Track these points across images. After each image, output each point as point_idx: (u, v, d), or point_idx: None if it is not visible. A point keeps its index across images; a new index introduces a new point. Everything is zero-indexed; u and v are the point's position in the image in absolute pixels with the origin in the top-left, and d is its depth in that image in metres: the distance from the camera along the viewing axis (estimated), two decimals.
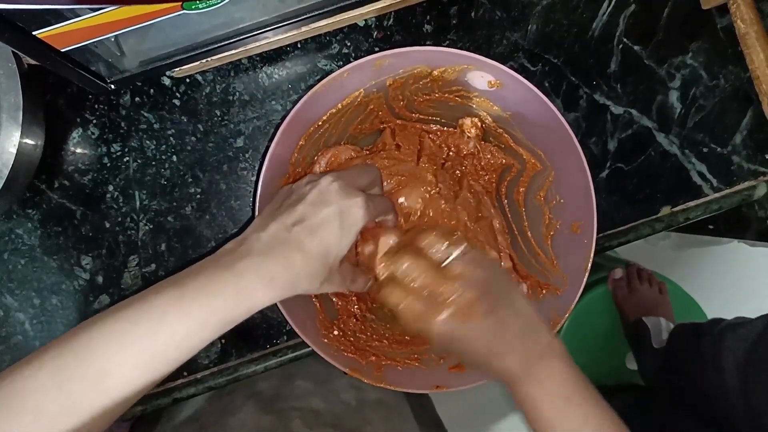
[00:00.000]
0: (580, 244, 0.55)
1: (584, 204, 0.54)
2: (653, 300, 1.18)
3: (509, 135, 0.58)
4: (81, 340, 0.38)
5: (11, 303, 0.59)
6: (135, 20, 0.41)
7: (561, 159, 0.55)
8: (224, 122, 0.60)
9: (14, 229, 0.58)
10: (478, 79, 0.54)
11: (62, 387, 0.36)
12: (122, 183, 0.59)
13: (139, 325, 0.38)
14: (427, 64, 0.53)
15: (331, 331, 0.56)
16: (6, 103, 0.48)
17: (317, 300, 0.57)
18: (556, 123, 0.53)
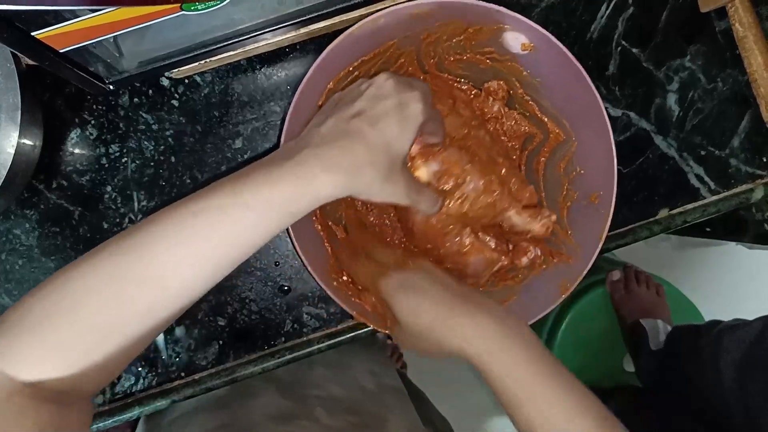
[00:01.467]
0: (597, 215, 0.55)
1: (605, 174, 0.54)
2: (651, 302, 1.19)
3: (536, 103, 0.58)
4: (137, 238, 0.37)
5: (8, 304, 0.58)
6: (134, 21, 0.41)
7: (586, 129, 0.55)
8: (223, 123, 0.60)
9: (12, 229, 0.58)
10: (513, 40, 0.54)
11: (118, 291, 0.36)
12: (120, 184, 0.59)
13: (199, 218, 0.37)
14: (463, 19, 0.53)
15: (341, 276, 0.56)
16: (4, 103, 0.48)
17: (329, 244, 0.57)
18: (585, 91, 0.53)
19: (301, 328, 0.61)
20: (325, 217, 0.57)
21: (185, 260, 0.36)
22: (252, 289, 0.61)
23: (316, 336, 0.62)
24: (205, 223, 0.37)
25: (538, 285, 0.57)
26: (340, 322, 0.62)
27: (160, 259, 0.36)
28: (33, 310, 0.35)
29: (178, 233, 0.36)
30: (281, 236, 0.61)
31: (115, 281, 0.36)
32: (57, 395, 0.36)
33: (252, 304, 0.61)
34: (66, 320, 0.35)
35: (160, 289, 0.36)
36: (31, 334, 0.35)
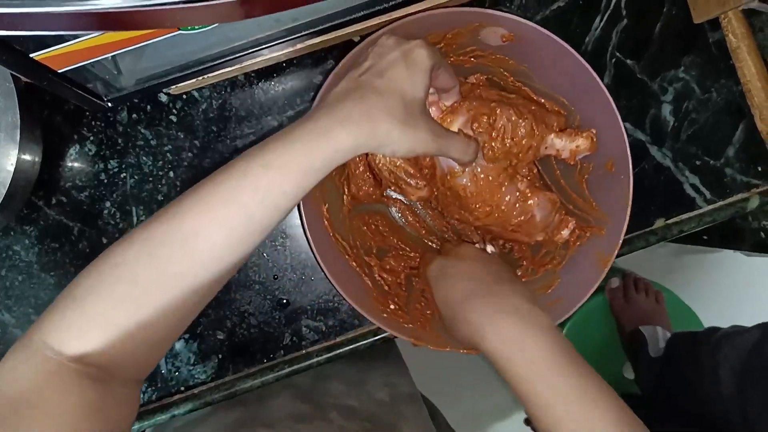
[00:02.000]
0: (618, 181, 0.55)
1: (615, 140, 0.54)
2: (650, 309, 1.19)
3: (529, 87, 0.58)
4: (169, 211, 0.38)
5: (8, 320, 0.59)
6: (132, 41, 0.41)
7: (585, 102, 0.56)
8: (221, 138, 0.60)
9: (12, 245, 0.59)
10: (492, 35, 0.54)
11: (152, 254, 0.37)
12: (119, 199, 0.59)
13: (223, 185, 0.38)
14: (440, 28, 0.53)
15: (387, 306, 0.56)
16: (3, 122, 0.48)
17: (369, 279, 0.57)
18: (575, 65, 0.53)
19: (300, 341, 0.61)
20: (358, 253, 0.58)
21: (213, 224, 0.38)
22: (251, 302, 0.61)
23: (315, 349, 0.62)
24: (228, 187, 0.38)
25: (577, 264, 0.58)
26: (339, 334, 0.62)
27: (189, 224, 0.37)
28: (79, 284, 0.37)
29: (206, 201, 0.38)
30: (279, 249, 0.61)
31: (148, 246, 0.37)
32: (102, 374, 0.37)
33: (251, 317, 0.61)
34: (106, 290, 0.36)
35: (192, 253, 0.37)
36: (74, 308, 0.36)
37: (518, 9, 0.61)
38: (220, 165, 0.59)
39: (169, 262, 0.37)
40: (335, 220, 0.57)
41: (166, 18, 0.29)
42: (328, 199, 0.56)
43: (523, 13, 0.62)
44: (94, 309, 0.36)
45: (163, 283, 0.37)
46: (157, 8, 0.28)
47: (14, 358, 0.35)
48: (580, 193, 0.59)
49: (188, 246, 0.37)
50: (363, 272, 0.57)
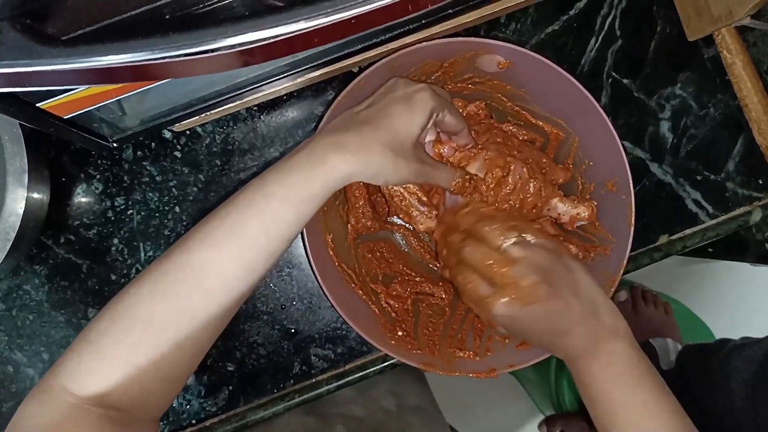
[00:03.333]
0: (619, 201, 0.56)
1: (614, 161, 0.55)
2: (659, 321, 1.18)
3: (527, 111, 0.59)
4: (178, 249, 0.40)
5: (20, 359, 0.59)
6: (136, 85, 0.42)
7: (582, 123, 0.56)
8: (225, 171, 0.61)
9: (22, 285, 0.59)
10: (488, 62, 0.55)
11: (165, 292, 0.38)
12: (127, 235, 0.60)
13: (228, 218, 0.40)
14: (437, 58, 0.54)
15: (395, 332, 0.57)
16: (12, 167, 0.49)
17: (376, 307, 0.58)
18: (571, 88, 0.54)
19: (310, 369, 0.62)
20: (364, 281, 0.58)
21: (222, 258, 0.39)
22: (259, 333, 0.61)
23: (325, 377, 0.62)
24: (233, 220, 0.40)
25: None
26: (348, 362, 0.62)
27: (199, 261, 0.39)
28: (93, 328, 0.38)
29: (213, 235, 0.40)
30: (285, 279, 0.62)
31: (161, 285, 0.38)
32: (123, 415, 0.37)
33: (260, 348, 0.61)
34: (122, 332, 0.37)
35: (205, 288, 0.39)
36: (91, 351, 0.37)
37: (513, 34, 0.62)
38: (226, 198, 0.60)
39: (183, 299, 0.38)
40: (340, 249, 0.57)
41: (168, 71, 0.30)
42: (333, 229, 0.57)
43: (518, 37, 0.62)
44: (111, 351, 0.37)
45: (178, 321, 0.38)
46: (159, 62, 0.29)
47: (33, 404, 0.36)
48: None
49: (200, 282, 0.39)
50: (370, 300, 0.58)
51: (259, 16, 0.31)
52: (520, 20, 0.62)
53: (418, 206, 0.56)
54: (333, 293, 0.53)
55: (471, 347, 0.58)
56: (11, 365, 0.59)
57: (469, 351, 0.57)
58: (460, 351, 0.57)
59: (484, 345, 0.58)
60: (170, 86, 0.50)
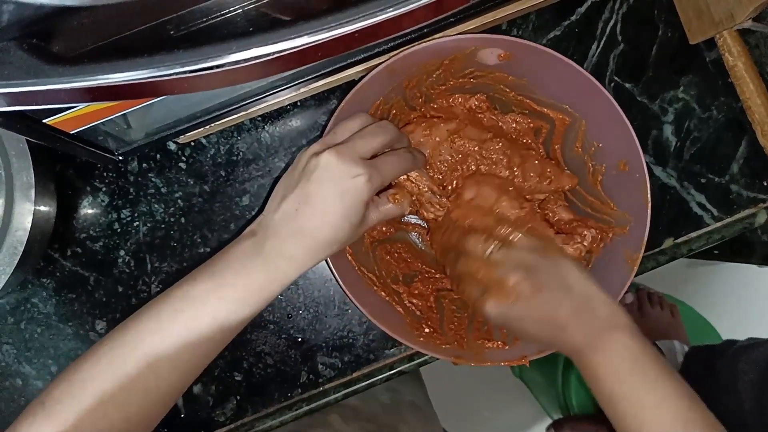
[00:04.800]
0: (633, 180, 0.55)
1: (624, 141, 0.54)
2: (666, 323, 1.18)
3: (531, 99, 0.59)
4: (130, 329, 0.42)
5: (29, 371, 0.60)
6: (141, 100, 0.43)
7: (588, 106, 0.56)
8: (229, 182, 0.61)
9: (30, 298, 0.60)
10: (488, 55, 0.55)
11: (116, 371, 0.40)
12: (133, 247, 0.60)
13: (184, 312, 0.42)
14: (437, 57, 0.54)
15: (422, 330, 0.57)
16: (18, 182, 0.50)
17: (400, 307, 0.58)
18: (573, 74, 0.54)
19: (317, 378, 0.62)
20: (385, 283, 0.59)
21: (174, 345, 0.41)
22: (266, 342, 0.62)
23: (332, 385, 0.62)
24: (191, 314, 0.42)
25: (605, 265, 0.58)
26: (356, 370, 0.62)
27: (149, 347, 0.41)
28: (49, 394, 0.40)
29: (169, 322, 0.42)
30: (292, 288, 0.62)
31: (112, 364, 0.41)
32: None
33: (267, 357, 0.62)
34: (75, 403, 0.39)
35: (155, 370, 0.41)
36: (44, 415, 0.39)
37: None
38: (230, 209, 0.60)
39: (134, 379, 0.40)
40: (358, 254, 0.57)
41: (174, 87, 0.30)
42: None
43: None
44: (61, 417, 0.39)
45: (129, 397, 0.41)
46: (165, 79, 0.29)
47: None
48: (596, 196, 0.59)
49: (152, 365, 0.41)
50: (393, 300, 0.58)
51: (263, 32, 0.31)
52: (522, 26, 0.63)
53: (431, 196, 0.56)
54: (359, 298, 0.53)
55: (498, 337, 0.58)
56: (20, 378, 0.60)
57: (497, 341, 0.57)
58: (488, 342, 0.57)
59: (513, 335, 0.58)
60: (175, 99, 0.51)
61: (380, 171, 0.46)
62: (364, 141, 0.47)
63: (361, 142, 0.47)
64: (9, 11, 0.27)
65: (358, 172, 0.44)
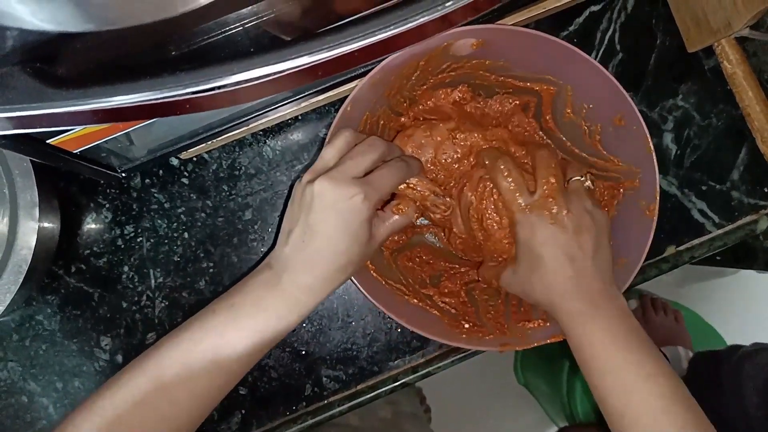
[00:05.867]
0: (631, 132, 0.55)
1: (614, 97, 0.54)
2: (670, 329, 1.18)
3: (512, 78, 0.58)
4: (150, 359, 0.43)
5: (34, 388, 0.60)
6: (144, 120, 0.43)
7: (570, 71, 0.56)
8: (232, 196, 0.61)
9: (34, 315, 0.60)
10: (462, 47, 0.54)
11: (135, 399, 0.41)
12: (137, 263, 0.60)
13: (201, 344, 0.43)
14: (412, 61, 0.54)
15: (462, 327, 0.57)
16: (23, 201, 0.50)
17: (435, 310, 0.58)
18: (548, 44, 0.53)
19: (322, 391, 0.62)
20: (415, 289, 0.59)
21: (192, 379, 0.42)
22: (270, 355, 0.62)
23: (337, 398, 0.62)
24: (209, 344, 0.43)
25: (623, 222, 0.57)
26: (360, 382, 0.62)
27: (169, 380, 0.42)
28: (72, 420, 0.41)
29: (188, 354, 0.43)
30: None
31: (132, 396, 0.41)
32: None
33: (271, 371, 0.62)
34: (92, 429, 0.40)
35: (173, 399, 0.42)
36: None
37: None
38: (233, 223, 0.61)
39: (153, 408, 0.42)
40: (381, 268, 0.57)
41: (176, 108, 0.30)
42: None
43: None
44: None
45: (147, 425, 0.42)
46: (167, 100, 0.29)
47: None
48: (599, 156, 0.58)
49: (168, 394, 0.42)
50: (426, 305, 0.58)
51: (263, 52, 0.31)
52: None
53: (435, 199, 0.55)
54: (394, 311, 0.53)
55: (538, 316, 0.58)
56: (25, 395, 0.60)
57: (536, 320, 0.57)
58: (529, 323, 0.57)
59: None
60: (177, 117, 0.51)
61: (375, 186, 0.46)
62: (354, 162, 0.47)
63: (351, 163, 0.47)
64: (13, 37, 0.28)
65: (353, 193, 0.44)
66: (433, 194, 0.55)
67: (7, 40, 0.28)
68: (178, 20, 0.30)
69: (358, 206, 0.45)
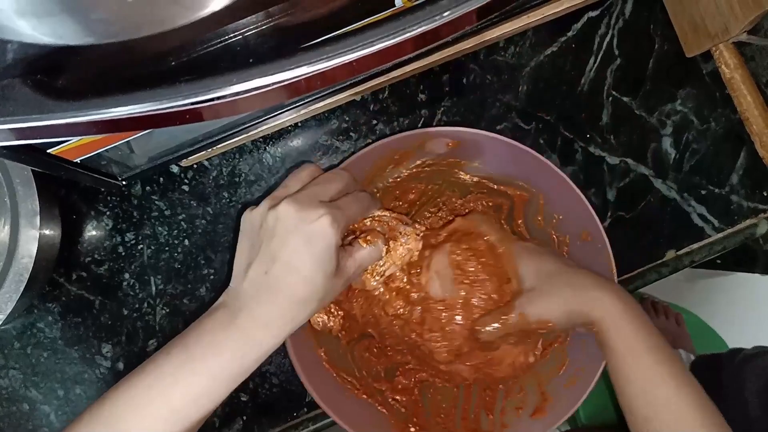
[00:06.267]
0: (596, 250, 0.56)
1: (582, 213, 0.56)
2: (671, 332, 1.18)
3: (486, 179, 0.60)
4: (104, 409, 0.41)
5: (36, 396, 0.60)
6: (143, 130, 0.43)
7: (543, 181, 0.57)
8: (232, 203, 0.61)
9: (35, 323, 0.60)
10: (437, 145, 0.56)
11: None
12: (138, 270, 0.61)
13: (153, 389, 0.40)
14: (387, 155, 0.56)
15: (407, 430, 0.57)
16: (24, 209, 0.50)
17: (384, 407, 0.58)
18: (519, 152, 0.55)
19: None
20: (367, 383, 0.59)
21: (146, 426, 0.40)
22: (271, 362, 0.62)
23: None
24: (161, 390, 0.40)
25: (582, 337, 0.57)
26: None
27: (125, 426, 0.40)
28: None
29: (139, 401, 0.40)
30: None
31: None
32: None
33: (272, 377, 0.62)
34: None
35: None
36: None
37: (512, 57, 0.63)
38: (233, 230, 0.61)
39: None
40: (335, 357, 0.57)
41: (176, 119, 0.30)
42: (324, 342, 0.57)
43: (517, 60, 0.63)
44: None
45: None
46: (167, 111, 0.30)
47: None
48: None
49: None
50: (376, 401, 0.58)
51: (262, 61, 0.31)
52: (519, 43, 0.63)
53: (407, 227, 0.54)
54: (338, 412, 0.53)
55: (486, 426, 0.58)
56: (27, 403, 0.60)
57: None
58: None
59: (499, 421, 0.58)
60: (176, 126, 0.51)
61: (342, 209, 0.45)
62: (320, 187, 0.46)
63: (317, 188, 0.46)
64: (14, 50, 0.28)
65: (320, 213, 0.43)
66: (402, 222, 0.54)
67: (7, 53, 0.28)
68: (177, 32, 0.30)
69: (325, 228, 0.42)
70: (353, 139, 0.62)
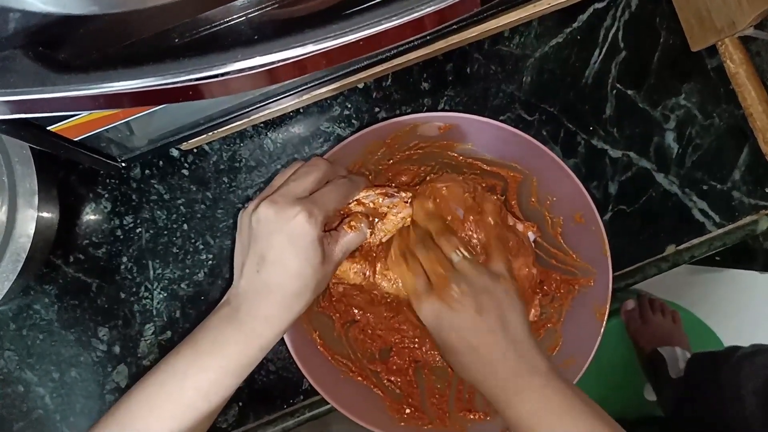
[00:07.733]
0: (590, 232, 0.56)
1: (576, 196, 0.56)
2: (667, 330, 1.18)
3: (479, 161, 0.59)
4: (121, 410, 0.44)
5: (31, 378, 0.60)
6: (145, 107, 0.43)
7: (536, 164, 0.57)
8: (232, 188, 0.61)
9: (32, 304, 0.60)
10: (429, 129, 0.56)
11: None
12: (135, 254, 0.60)
13: (166, 386, 0.44)
14: (378, 139, 0.56)
15: (403, 411, 0.57)
16: (22, 188, 0.50)
17: (379, 389, 0.58)
18: (516, 137, 0.55)
19: None
20: (361, 365, 0.59)
21: (161, 421, 0.44)
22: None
23: None
24: (173, 387, 0.44)
25: (576, 317, 0.58)
26: None
27: (139, 424, 0.43)
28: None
29: (153, 399, 0.44)
30: None
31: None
32: None
33: (269, 363, 0.61)
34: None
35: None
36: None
37: (517, 47, 0.63)
38: (233, 215, 0.60)
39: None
40: (330, 341, 0.58)
41: (178, 95, 0.30)
42: (318, 326, 0.57)
43: (522, 51, 0.63)
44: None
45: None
46: (170, 87, 0.29)
47: None
48: (558, 247, 0.60)
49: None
50: (371, 383, 0.58)
51: (267, 40, 0.31)
52: (524, 34, 0.63)
53: (393, 194, 0.55)
54: (336, 399, 0.54)
55: (480, 407, 0.58)
56: (22, 384, 0.60)
57: (479, 412, 0.57)
58: (471, 414, 0.57)
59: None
60: (178, 106, 0.51)
61: (319, 204, 0.46)
62: (296, 183, 0.47)
63: (293, 184, 0.47)
64: (16, 19, 0.28)
65: (296, 212, 0.45)
66: (387, 196, 0.54)
67: (9, 22, 0.28)
68: (181, 6, 0.30)
69: (302, 224, 0.45)
70: (355, 127, 0.62)
